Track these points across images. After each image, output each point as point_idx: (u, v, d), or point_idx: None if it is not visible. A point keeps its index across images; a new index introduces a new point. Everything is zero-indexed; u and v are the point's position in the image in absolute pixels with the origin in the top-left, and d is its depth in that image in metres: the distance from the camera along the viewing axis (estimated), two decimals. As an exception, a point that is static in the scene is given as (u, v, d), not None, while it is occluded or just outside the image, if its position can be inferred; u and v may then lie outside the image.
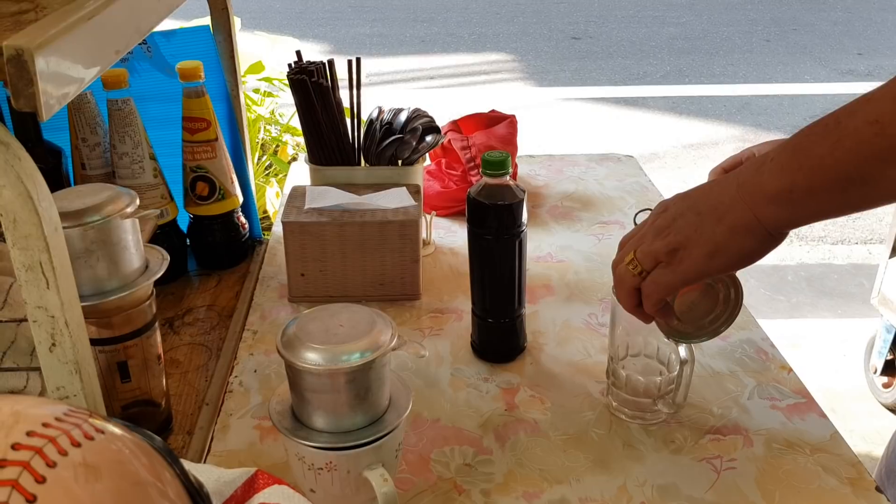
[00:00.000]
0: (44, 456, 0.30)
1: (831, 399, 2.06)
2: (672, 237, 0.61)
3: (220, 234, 1.08)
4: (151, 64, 1.04)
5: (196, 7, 1.06)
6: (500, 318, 0.86)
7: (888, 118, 0.51)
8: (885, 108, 0.51)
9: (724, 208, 0.58)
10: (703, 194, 0.61)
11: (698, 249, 0.60)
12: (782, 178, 0.56)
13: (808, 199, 0.56)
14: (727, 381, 0.84)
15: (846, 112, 0.54)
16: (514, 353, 0.88)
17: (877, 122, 0.51)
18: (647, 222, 0.65)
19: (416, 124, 1.03)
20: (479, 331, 0.88)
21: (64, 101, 0.51)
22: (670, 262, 0.61)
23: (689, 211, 0.60)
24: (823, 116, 0.56)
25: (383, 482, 0.62)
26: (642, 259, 0.63)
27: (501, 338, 0.87)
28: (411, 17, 5.67)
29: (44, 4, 0.55)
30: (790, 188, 0.55)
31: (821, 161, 0.54)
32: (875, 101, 0.53)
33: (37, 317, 0.52)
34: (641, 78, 4.48)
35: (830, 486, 0.71)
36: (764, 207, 0.57)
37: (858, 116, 0.53)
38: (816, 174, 0.54)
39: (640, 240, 0.64)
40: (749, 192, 0.57)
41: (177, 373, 0.89)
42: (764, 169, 0.57)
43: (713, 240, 0.59)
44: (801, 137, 0.56)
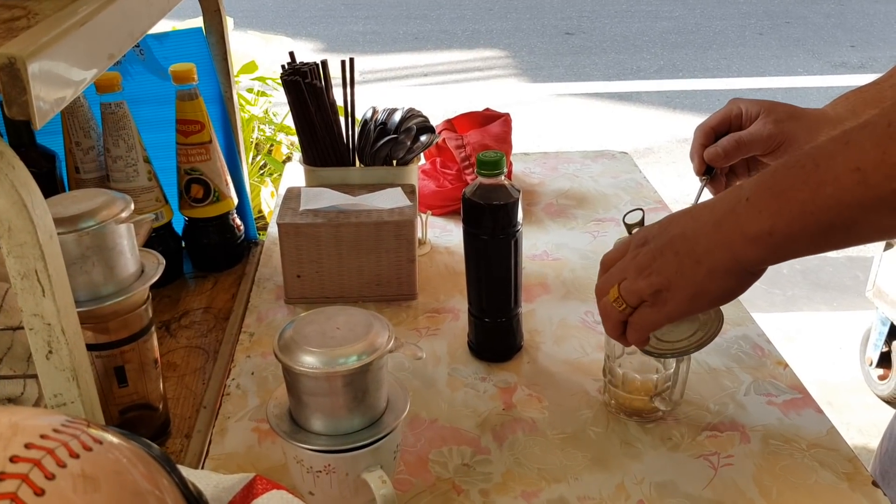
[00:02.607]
0: (42, 468, 0.30)
1: (827, 392, 2.07)
2: (654, 278, 0.61)
3: (216, 237, 1.08)
4: (144, 67, 1.04)
5: (189, 7, 1.06)
6: (497, 317, 0.86)
7: (870, 166, 0.50)
8: (867, 155, 0.51)
9: (703, 250, 0.58)
10: (680, 233, 0.60)
11: (681, 292, 0.60)
12: (761, 221, 0.55)
13: (788, 242, 0.55)
14: (723, 377, 0.85)
15: (824, 154, 0.53)
16: (510, 352, 0.88)
17: (858, 171, 0.51)
18: (629, 253, 0.64)
19: (411, 124, 1.03)
20: (475, 330, 0.88)
21: (58, 107, 0.51)
22: (655, 302, 0.61)
23: (668, 250, 0.60)
24: (800, 154, 0.55)
25: (382, 484, 0.62)
26: (627, 297, 0.63)
27: (498, 337, 0.88)
28: (404, 14, 5.66)
29: (36, 11, 0.55)
30: (770, 231, 0.55)
31: (802, 207, 0.54)
32: (854, 146, 0.52)
33: (33, 324, 0.52)
34: (635, 73, 4.48)
35: (827, 482, 0.71)
36: (743, 249, 0.57)
37: (838, 161, 0.52)
38: (797, 220, 0.54)
39: (622, 272, 0.63)
40: (727, 234, 0.57)
41: (174, 376, 0.89)
42: (740, 209, 0.56)
43: (694, 282, 0.59)
44: (778, 176, 0.56)
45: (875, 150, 0.50)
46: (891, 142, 0.50)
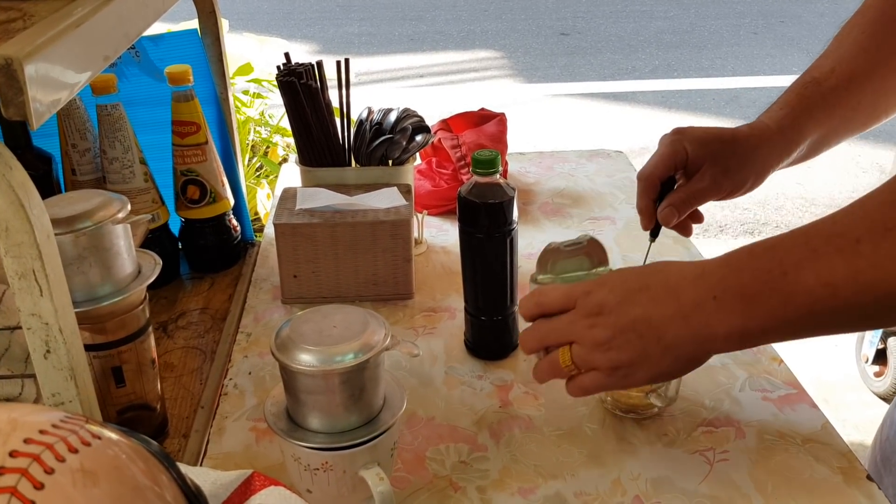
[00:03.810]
0: (42, 462, 0.31)
1: (823, 389, 2.08)
2: (615, 354, 0.61)
3: (212, 237, 1.09)
4: (140, 68, 1.04)
5: (184, 10, 1.06)
6: (493, 315, 0.86)
7: (840, 282, 0.53)
8: (837, 272, 0.53)
9: (671, 339, 0.59)
10: (644, 316, 0.60)
11: (643, 372, 0.61)
12: (732, 321, 0.57)
13: (761, 338, 0.59)
14: (718, 373, 0.85)
15: (792, 262, 0.55)
16: (507, 350, 0.88)
17: (829, 285, 0.53)
18: (578, 314, 0.63)
19: (406, 124, 1.04)
20: (472, 329, 0.88)
21: (54, 108, 0.51)
22: (611, 374, 0.62)
23: (630, 331, 0.60)
24: (764, 251, 0.57)
25: (379, 481, 0.62)
26: (580, 364, 0.63)
27: (494, 335, 0.88)
28: (399, 15, 5.67)
29: (32, 13, 0.55)
30: (742, 331, 0.57)
31: (773, 313, 0.56)
32: (823, 260, 0.54)
33: (31, 324, 0.52)
34: (630, 73, 4.49)
35: (822, 476, 0.71)
36: (713, 345, 0.59)
37: (808, 273, 0.54)
38: (770, 321, 0.56)
39: (571, 335, 0.63)
40: (697, 329, 0.59)
41: (171, 376, 0.89)
42: (709, 307, 0.58)
43: (659, 365, 0.61)
44: (745, 278, 0.57)
45: (845, 268, 0.53)
46: (859, 260, 0.52)
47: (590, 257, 0.72)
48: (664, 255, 1.08)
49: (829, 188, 3.23)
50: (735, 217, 3.00)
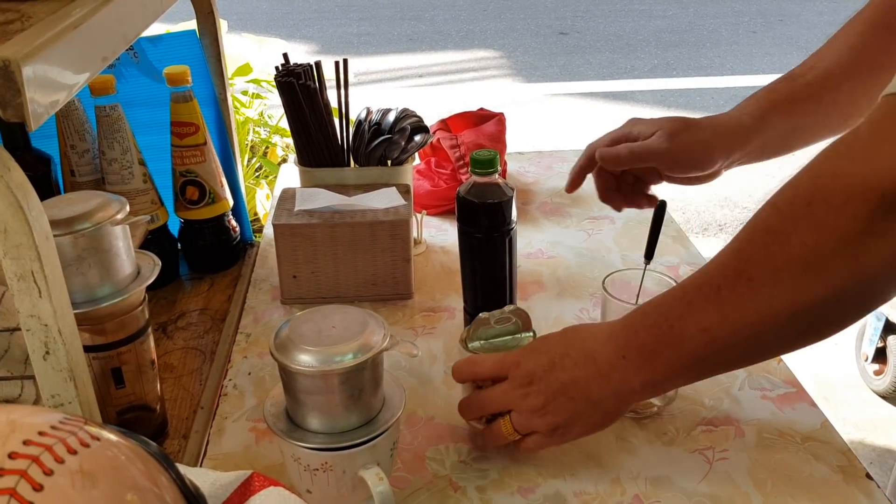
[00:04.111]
0: (41, 464, 0.31)
1: (823, 388, 2.08)
2: (551, 418, 0.68)
3: (211, 238, 1.09)
4: (138, 69, 1.04)
5: (182, 11, 1.06)
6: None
7: (714, 326, 0.60)
8: (710, 317, 0.60)
9: (596, 398, 0.67)
10: (571, 380, 0.67)
11: (578, 428, 0.69)
12: (642, 375, 0.65)
13: (670, 384, 0.69)
14: (718, 372, 0.85)
15: (675, 316, 0.63)
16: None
17: (706, 330, 0.61)
18: (511, 385, 0.69)
19: (405, 124, 1.04)
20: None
21: (52, 109, 0.51)
22: (550, 434, 0.69)
23: (561, 395, 0.67)
24: (653, 311, 0.65)
25: (379, 481, 0.62)
26: (521, 430, 0.69)
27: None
28: (398, 15, 5.66)
29: (30, 14, 0.55)
30: (651, 382, 0.65)
31: (669, 363, 0.64)
32: (697, 308, 0.61)
33: (30, 326, 0.52)
34: (629, 72, 4.49)
35: (822, 475, 0.71)
36: (632, 396, 0.67)
37: (688, 323, 0.62)
38: (670, 370, 0.64)
39: (509, 404, 0.69)
40: (616, 385, 0.66)
41: (171, 377, 0.89)
42: (621, 366, 0.65)
43: (590, 421, 0.68)
44: (642, 336, 0.65)
45: (715, 313, 0.60)
46: (724, 305, 0.59)
47: (516, 325, 0.77)
48: (664, 255, 1.08)
49: (829, 187, 3.22)
50: (734, 216, 3.00)
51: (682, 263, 1.06)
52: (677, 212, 2.98)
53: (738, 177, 3.63)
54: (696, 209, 3.01)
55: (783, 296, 0.57)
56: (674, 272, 1.04)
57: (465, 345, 0.75)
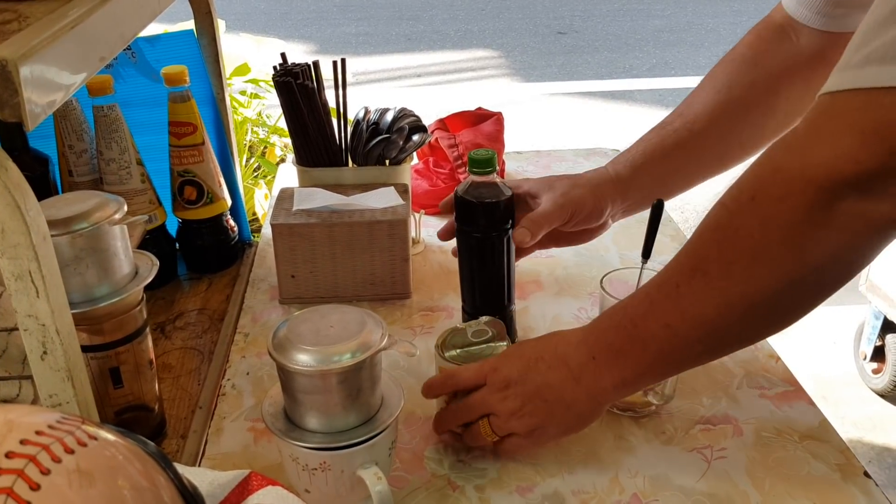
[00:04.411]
0: (38, 463, 0.31)
1: (822, 386, 2.08)
2: (528, 419, 0.69)
3: (210, 238, 1.08)
4: (136, 69, 1.04)
5: (180, 11, 1.06)
6: (490, 314, 0.86)
7: (675, 322, 0.62)
8: (670, 313, 0.63)
9: (570, 399, 0.69)
10: (545, 383, 0.69)
11: (554, 429, 0.70)
12: (612, 375, 0.67)
13: (640, 382, 0.69)
14: (716, 371, 0.85)
15: (638, 314, 0.65)
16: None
17: (668, 326, 0.63)
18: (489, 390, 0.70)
19: (403, 124, 1.04)
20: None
21: (50, 109, 0.51)
22: (528, 436, 0.71)
23: (536, 398, 0.69)
24: (619, 311, 0.67)
25: (377, 480, 0.62)
26: (499, 431, 0.71)
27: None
28: (396, 15, 5.66)
29: (27, 14, 0.55)
30: (622, 381, 0.67)
31: (637, 360, 0.66)
32: (658, 306, 0.64)
33: (27, 325, 0.52)
34: (628, 71, 4.49)
35: (820, 473, 0.71)
36: (603, 396, 0.69)
37: (650, 320, 0.64)
38: (638, 368, 0.66)
39: (487, 408, 0.70)
40: (588, 386, 0.68)
41: (169, 377, 0.89)
42: (591, 367, 0.67)
43: (565, 423, 0.70)
44: (611, 336, 0.67)
45: (674, 309, 0.62)
46: (682, 301, 0.61)
47: (490, 334, 0.77)
48: (662, 254, 1.08)
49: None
50: (733, 215, 3.00)
51: (681, 262, 1.06)
52: (675, 211, 2.98)
53: (735, 177, 3.63)
54: (695, 209, 3.01)
55: (736, 288, 0.59)
56: (672, 271, 1.04)
57: (440, 352, 0.75)
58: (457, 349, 0.76)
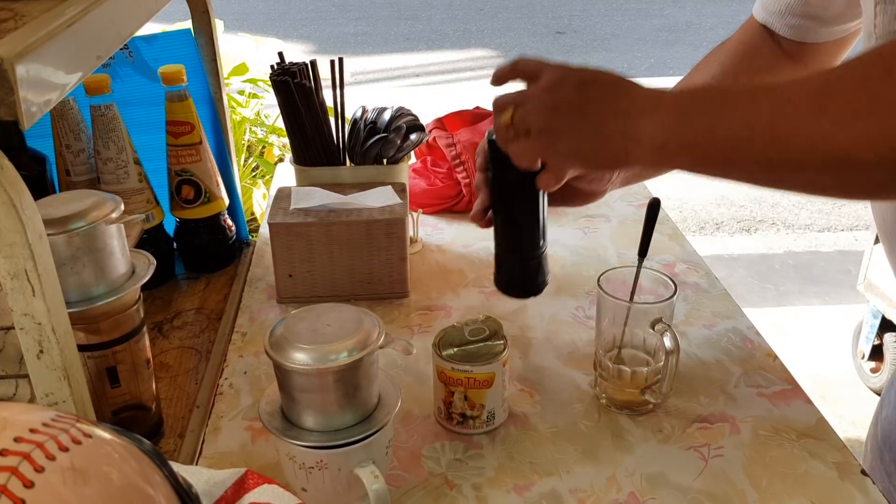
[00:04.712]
0: (32, 461, 0.31)
1: (821, 385, 2.08)
2: (548, 120, 0.65)
3: (207, 237, 1.08)
4: (133, 69, 1.04)
5: (178, 10, 1.06)
6: (526, 253, 0.82)
7: (760, 131, 0.56)
8: (762, 122, 0.57)
9: (602, 124, 0.64)
10: (591, 99, 0.64)
11: (566, 143, 0.65)
12: (660, 129, 0.61)
13: (676, 154, 0.62)
14: (713, 369, 0.85)
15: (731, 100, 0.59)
16: (539, 287, 0.83)
17: (749, 128, 0.57)
18: (542, 86, 0.67)
19: (400, 123, 1.04)
20: (504, 269, 0.84)
21: (46, 108, 0.51)
22: (539, 137, 0.66)
23: (573, 107, 0.64)
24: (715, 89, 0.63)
25: (374, 479, 0.62)
26: (518, 122, 0.67)
27: (528, 273, 0.83)
28: (395, 14, 5.67)
29: (23, 13, 0.55)
30: (663, 142, 0.61)
31: (692, 134, 0.60)
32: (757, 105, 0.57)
33: (23, 324, 0.52)
34: (626, 70, 4.46)
35: (817, 471, 0.71)
36: (637, 145, 0.62)
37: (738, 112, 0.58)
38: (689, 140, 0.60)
39: (524, 98, 0.67)
40: (629, 124, 0.62)
41: (167, 376, 0.89)
42: (646, 109, 0.62)
43: (580, 144, 0.65)
44: (688, 99, 0.62)
45: (770, 119, 0.56)
46: (784, 118, 0.55)
47: (489, 333, 0.77)
48: (659, 253, 1.09)
49: (826, 185, 3.23)
50: (731, 214, 3.00)
51: (678, 261, 1.06)
52: (674, 210, 2.98)
53: (735, 175, 3.60)
54: (693, 208, 3.02)
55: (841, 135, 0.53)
56: (669, 269, 1.04)
57: (438, 350, 0.75)
58: (454, 347, 0.76)
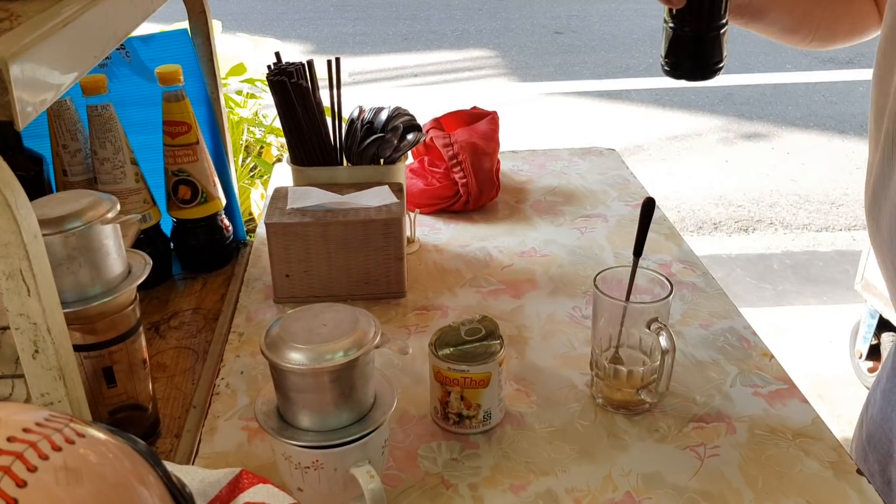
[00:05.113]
0: (24, 460, 0.31)
1: (818, 385, 2.08)
2: None
3: (204, 237, 1.08)
4: (130, 69, 1.04)
5: (175, 11, 1.06)
6: (705, 23, 0.76)
7: None
8: None
9: None
10: None
11: None
12: None
13: None
14: (709, 369, 0.85)
15: None
16: (713, 68, 0.79)
17: None
18: None
19: (397, 123, 1.04)
20: (675, 45, 0.78)
21: (41, 108, 0.51)
22: None
23: None
24: None
25: (370, 479, 0.62)
26: None
27: (703, 49, 0.78)
28: (393, 14, 5.67)
29: (19, 13, 0.55)
30: None
31: None
32: None
33: (19, 324, 0.52)
34: (624, 71, 4.49)
35: (812, 471, 0.72)
36: None
37: None
38: None
39: None
40: None
41: (163, 376, 0.89)
42: None
43: None
44: None
45: None
46: None
47: (483, 332, 0.77)
48: (656, 253, 1.09)
49: (823, 184, 3.24)
50: (729, 214, 3.01)
51: (675, 261, 1.06)
52: (672, 210, 2.98)
53: (732, 176, 3.61)
54: (691, 207, 3.02)
55: None
56: (666, 269, 1.04)
57: (434, 350, 0.75)
58: (450, 347, 0.76)
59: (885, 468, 0.83)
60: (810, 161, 3.45)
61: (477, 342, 0.76)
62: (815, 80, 4.22)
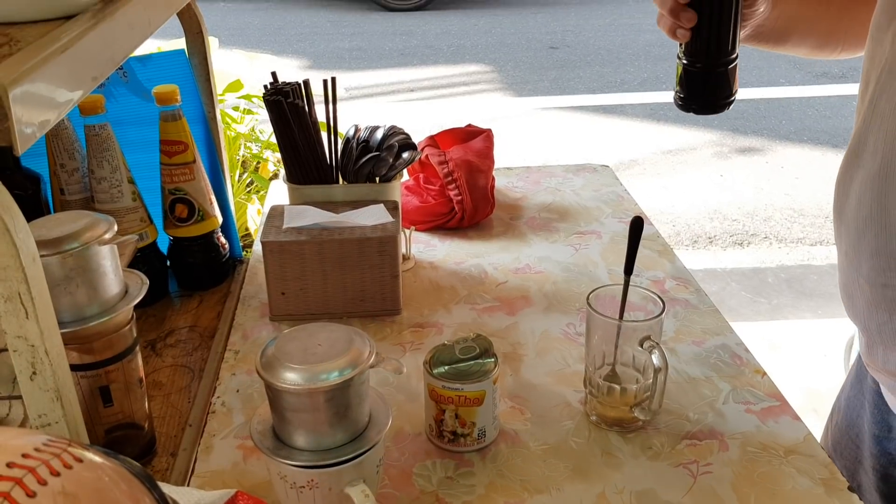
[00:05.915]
0: (24, 486, 0.31)
1: (813, 399, 2.09)
2: None
3: (201, 255, 1.09)
4: (128, 89, 1.05)
5: (172, 28, 1.07)
6: (713, 58, 0.78)
7: None
8: None
9: None
10: None
11: None
12: None
13: None
14: (702, 386, 0.86)
15: None
16: (724, 102, 0.80)
17: None
18: None
19: (393, 141, 1.05)
20: (687, 81, 0.80)
21: (41, 132, 0.52)
22: None
23: None
24: None
25: (365, 498, 0.63)
26: None
27: (712, 83, 0.79)
28: (390, 30, 5.70)
29: (18, 38, 0.56)
30: None
31: None
32: None
33: (17, 346, 0.53)
34: (619, 85, 4.52)
35: (804, 488, 0.72)
36: None
37: None
38: None
39: None
40: None
41: (160, 395, 0.89)
42: None
43: None
44: None
45: None
46: None
47: (478, 351, 0.78)
48: (649, 269, 1.09)
49: (818, 198, 3.25)
50: (724, 228, 3.02)
51: (668, 278, 1.07)
52: (667, 224, 3.00)
53: (727, 190, 3.61)
54: (686, 222, 3.03)
55: None
56: (659, 286, 1.05)
57: (429, 368, 0.76)
58: (445, 366, 0.77)
59: (854, 474, 0.84)
60: (804, 175, 3.47)
61: (471, 360, 0.77)
62: (808, 94, 4.24)
